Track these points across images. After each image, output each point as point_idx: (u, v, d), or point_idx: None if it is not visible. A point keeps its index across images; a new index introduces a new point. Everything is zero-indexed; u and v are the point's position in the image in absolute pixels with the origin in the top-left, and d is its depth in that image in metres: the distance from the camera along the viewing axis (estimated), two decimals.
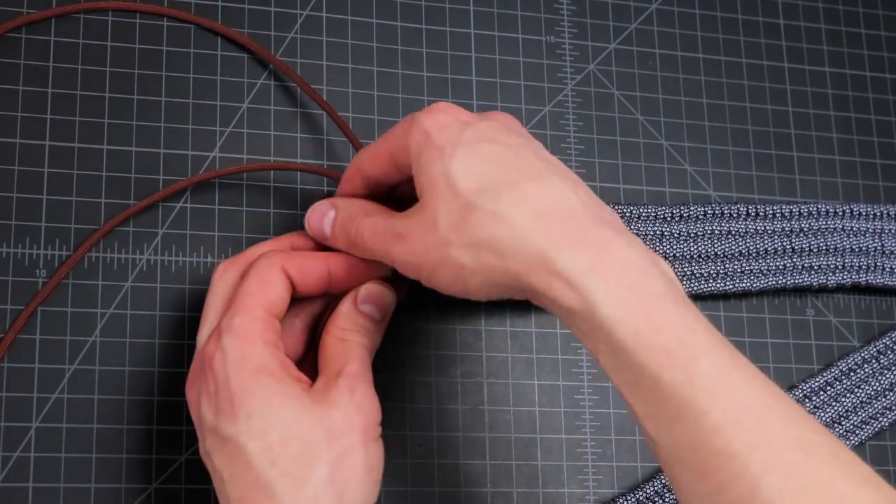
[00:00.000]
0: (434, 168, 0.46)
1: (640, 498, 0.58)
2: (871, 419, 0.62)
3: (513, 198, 0.44)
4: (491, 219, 0.44)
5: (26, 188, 0.54)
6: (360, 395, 0.47)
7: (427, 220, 0.45)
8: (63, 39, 0.56)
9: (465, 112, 0.48)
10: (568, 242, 0.42)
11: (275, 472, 0.45)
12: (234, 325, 0.47)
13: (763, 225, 0.62)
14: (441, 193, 0.45)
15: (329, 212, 0.51)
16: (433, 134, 0.46)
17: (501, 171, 0.45)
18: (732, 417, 0.39)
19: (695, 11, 0.67)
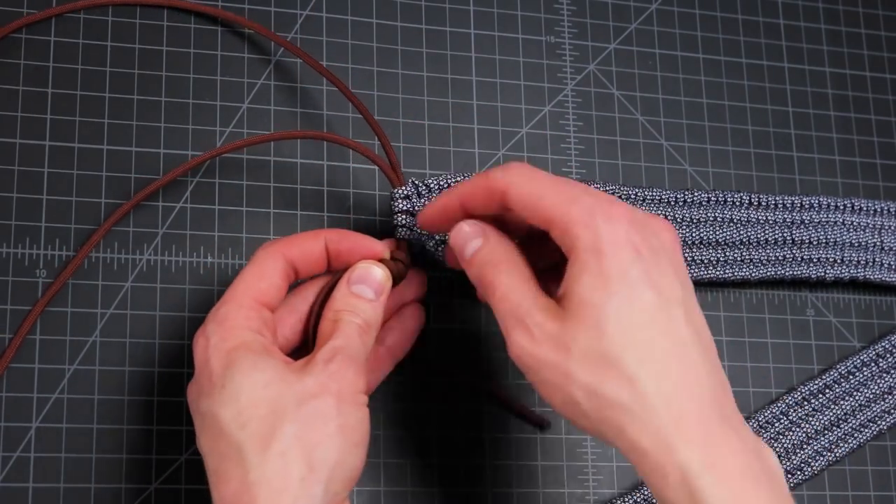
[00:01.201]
0: (591, 296, 0.44)
1: (638, 499, 0.58)
2: (869, 422, 0.62)
3: (655, 370, 0.43)
4: (628, 383, 0.43)
5: (26, 188, 0.54)
6: (336, 364, 0.47)
7: (562, 341, 0.44)
8: (63, 39, 0.56)
9: (638, 229, 0.45)
10: (693, 434, 0.42)
11: (244, 434, 0.45)
12: (218, 314, 0.48)
13: (765, 214, 0.63)
14: (588, 325, 0.44)
15: (476, 239, 0.49)
16: (606, 255, 0.44)
17: (650, 334, 0.44)
18: None
19: (695, 11, 0.67)
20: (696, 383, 0.44)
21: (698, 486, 0.41)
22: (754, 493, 0.42)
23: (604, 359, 0.44)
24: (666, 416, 0.43)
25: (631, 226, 0.45)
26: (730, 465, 0.42)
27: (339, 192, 0.58)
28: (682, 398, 0.43)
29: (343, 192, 0.58)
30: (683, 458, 0.42)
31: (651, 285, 0.45)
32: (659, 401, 0.43)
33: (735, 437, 0.43)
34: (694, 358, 0.44)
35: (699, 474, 0.42)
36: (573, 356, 0.44)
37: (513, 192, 0.47)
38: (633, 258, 0.45)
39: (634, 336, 0.44)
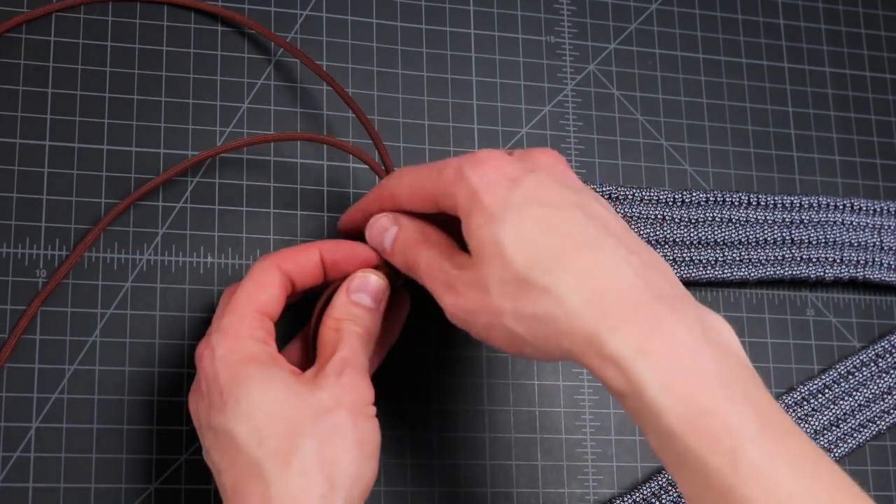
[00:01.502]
0: (483, 232, 0.46)
1: (638, 499, 0.58)
2: (868, 422, 0.62)
3: (564, 272, 0.44)
4: (543, 295, 0.44)
5: (26, 188, 0.54)
6: (347, 377, 0.47)
7: (479, 284, 0.46)
8: (63, 39, 0.56)
9: (510, 162, 0.47)
10: (619, 324, 0.42)
11: (263, 451, 0.45)
12: (222, 325, 0.48)
13: (763, 214, 0.63)
14: (492, 261, 0.45)
15: (391, 227, 0.51)
16: (481, 193, 0.46)
17: (552, 241, 0.45)
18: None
19: (695, 11, 0.67)
20: (615, 274, 0.44)
21: (634, 372, 0.42)
22: (692, 367, 0.42)
23: (516, 282, 0.44)
24: (589, 313, 0.43)
25: (501, 162, 0.47)
26: (664, 346, 0.42)
27: (339, 192, 0.58)
28: (600, 292, 0.43)
29: (343, 192, 0.58)
30: (614, 350, 0.42)
31: (537, 202, 0.46)
32: (578, 301, 0.43)
33: (670, 316, 0.43)
34: (606, 251, 0.44)
35: (633, 361, 0.42)
36: (492, 292, 0.45)
37: (398, 196, 0.50)
38: (510, 187, 0.46)
39: (535, 250, 0.44)
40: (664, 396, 0.41)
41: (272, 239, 0.57)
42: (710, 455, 0.41)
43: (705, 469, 0.41)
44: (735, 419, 0.41)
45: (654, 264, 0.46)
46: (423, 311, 0.58)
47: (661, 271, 0.46)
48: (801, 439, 0.42)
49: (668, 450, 0.42)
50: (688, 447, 0.41)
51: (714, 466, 0.40)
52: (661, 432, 0.42)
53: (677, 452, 0.41)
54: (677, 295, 0.45)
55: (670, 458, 0.42)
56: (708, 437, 0.41)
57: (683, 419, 0.41)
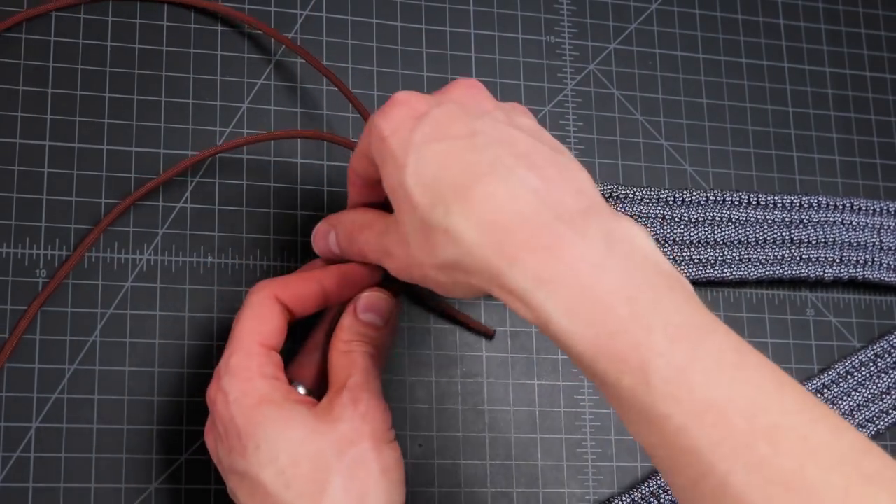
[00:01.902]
0: (392, 180, 0.44)
1: (636, 498, 0.58)
2: (867, 422, 0.62)
3: (461, 209, 0.41)
4: (445, 239, 0.42)
5: (26, 188, 0.54)
6: (364, 404, 0.47)
7: (402, 238, 0.45)
8: (63, 39, 0.56)
9: (422, 99, 0.45)
10: (516, 254, 0.40)
11: (291, 494, 0.45)
12: (231, 366, 0.48)
13: (763, 214, 0.63)
14: (403, 208, 0.44)
15: (330, 232, 0.51)
16: (388, 138, 0.44)
17: (450, 177, 0.42)
18: (694, 416, 0.38)
19: (695, 11, 0.67)
20: (509, 199, 0.41)
21: (536, 304, 0.40)
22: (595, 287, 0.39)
23: (424, 230, 0.43)
24: (487, 247, 0.41)
25: (412, 101, 0.45)
26: (564, 270, 0.40)
27: (339, 192, 0.58)
28: (495, 223, 0.41)
29: (343, 192, 0.58)
30: (514, 283, 0.40)
31: (437, 137, 0.43)
32: (475, 237, 0.41)
33: (571, 236, 0.40)
34: (498, 176, 0.42)
35: (534, 292, 0.40)
36: (411, 246, 0.44)
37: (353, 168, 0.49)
38: (412, 126, 0.44)
39: (433, 191, 0.42)
40: (570, 324, 0.39)
41: (272, 239, 0.57)
42: (622, 376, 0.39)
43: (620, 391, 0.39)
44: (642, 335, 0.39)
45: (560, 178, 0.42)
46: (423, 312, 0.58)
47: (569, 184, 0.42)
48: (723, 338, 0.39)
49: (587, 375, 0.40)
50: (600, 371, 0.39)
51: (627, 387, 0.39)
52: (576, 359, 0.40)
53: (595, 377, 0.40)
54: (581, 209, 0.42)
55: (593, 384, 0.40)
56: (617, 357, 0.39)
57: (592, 344, 0.39)
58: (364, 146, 0.48)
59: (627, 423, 0.40)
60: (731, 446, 0.38)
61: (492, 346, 0.59)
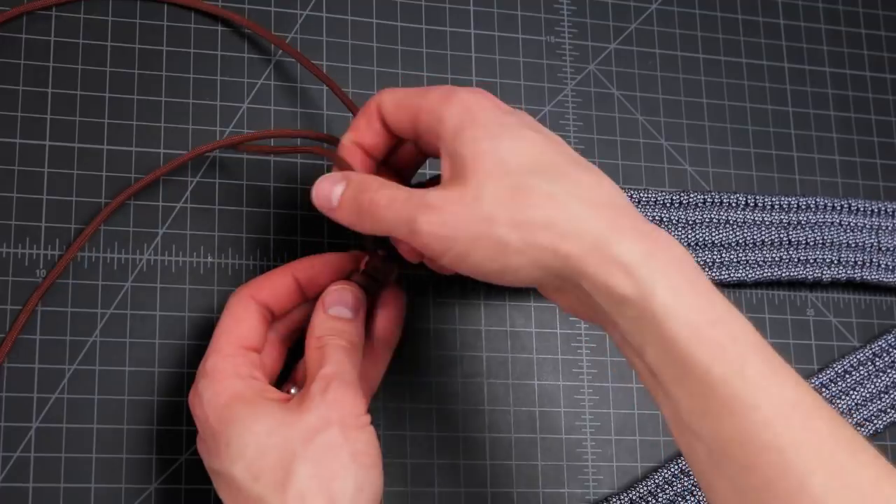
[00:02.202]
0: (480, 145, 0.45)
1: (634, 497, 0.58)
2: (866, 422, 0.62)
3: (568, 184, 0.44)
4: (547, 200, 0.43)
5: (26, 188, 0.54)
6: (332, 391, 0.47)
7: (468, 195, 0.44)
8: (63, 39, 0.56)
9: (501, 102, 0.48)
10: (625, 231, 0.42)
11: (260, 486, 0.45)
12: (206, 368, 0.49)
13: (761, 216, 0.63)
14: (489, 169, 0.44)
15: (340, 183, 0.49)
16: (477, 112, 0.46)
17: (551, 158, 0.45)
18: (782, 413, 0.40)
19: (695, 11, 0.67)
20: (607, 192, 0.44)
21: (643, 275, 0.41)
22: (694, 278, 0.42)
23: (517, 189, 0.44)
24: (593, 220, 0.43)
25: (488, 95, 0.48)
26: (667, 256, 0.42)
27: None
28: (603, 204, 0.44)
29: None
30: (623, 252, 0.42)
31: (529, 127, 0.46)
32: (581, 209, 0.43)
33: (661, 232, 0.43)
34: (600, 175, 0.45)
35: (640, 264, 0.42)
36: (486, 201, 0.44)
37: (384, 106, 0.49)
38: (502, 112, 0.47)
39: (537, 162, 0.44)
40: (671, 300, 0.41)
41: (272, 239, 0.57)
42: (716, 363, 0.40)
43: (710, 377, 0.40)
44: (739, 329, 0.41)
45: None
46: (423, 312, 0.58)
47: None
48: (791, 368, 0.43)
49: (668, 361, 0.41)
50: (691, 355, 0.41)
51: (719, 374, 0.40)
52: (664, 340, 0.41)
53: (679, 362, 0.41)
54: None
55: (670, 369, 0.42)
56: (715, 344, 0.41)
57: (690, 326, 0.41)
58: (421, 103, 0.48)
59: (700, 414, 0.41)
60: (815, 450, 0.39)
61: (492, 346, 0.59)
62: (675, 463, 0.59)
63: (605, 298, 0.43)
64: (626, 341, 0.44)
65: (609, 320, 0.44)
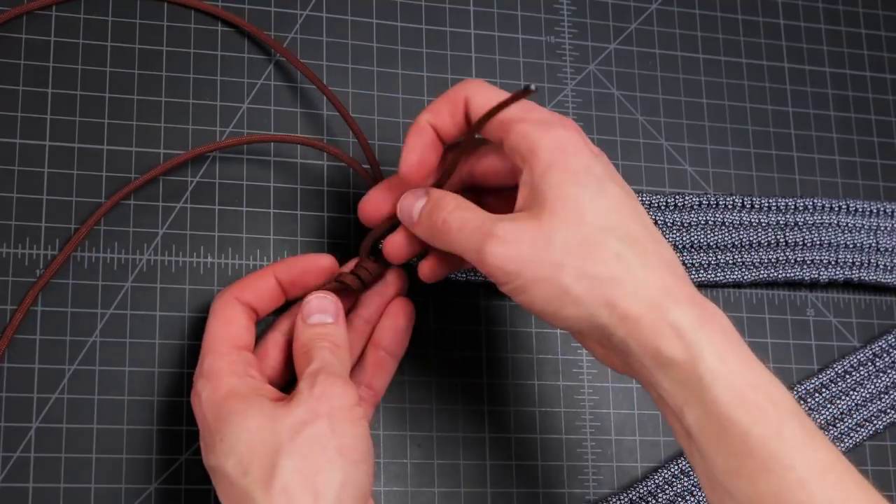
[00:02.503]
0: (566, 190, 0.46)
1: (634, 497, 0.58)
2: (865, 422, 0.62)
3: (636, 247, 0.46)
4: (615, 260, 0.45)
5: (26, 188, 0.54)
6: (320, 386, 0.47)
7: (540, 237, 0.46)
8: (63, 39, 0.56)
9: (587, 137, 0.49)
10: (680, 299, 0.45)
11: (248, 480, 0.45)
12: (204, 368, 0.49)
13: (757, 217, 0.63)
14: (566, 216, 0.46)
15: (422, 198, 0.51)
16: (570, 154, 0.47)
17: (624, 219, 0.47)
18: (816, 474, 0.42)
19: (695, 11, 0.67)
20: (669, 260, 0.47)
21: (694, 341, 0.44)
22: (738, 347, 0.45)
23: (588, 243, 0.46)
24: (654, 284, 0.45)
25: (585, 136, 0.49)
26: (715, 325, 0.45)
27: (338, 192, 0.58)
28: (662, 270, 0.46)
29: (343, 192, 0.58)
30: (676, 318, 0.44)
31: (613, 180, 0.48)
32: (645, 273, 0.45)
33: (709, 302, 0.46)
34: (664, 243, 0.47)
35: (692, 330, 0.44)
36: (556, 246, 0.46)
37: (474, 101, 0.49)
38: (592, 157, 0.48)
39: (611, 220, 0.46)
40: (719, 366, 0.44)
41: (272, 239, 0.57)
42: (756, 425, 0.43)
43: (748, 438, 0.43)
44: (778, 395, 0.44)
45: None
46: (423, 312, 0.58)
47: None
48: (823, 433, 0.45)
49: (709, 422, 0.44)
50: (732, 417, 0.43)
51: (758, 435, 0.43)
52: (706, 402, 0.44)
53: (720, 423, 0.43)
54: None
55: (711, 429, 0.44)
56: (755, 407, 0.43)
57: (732, 390, 0.43)
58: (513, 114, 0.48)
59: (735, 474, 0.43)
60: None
61: (492, 346, 0.59)
62: (674, 463, 0.59)
63: (652, 360, 0.45)
64: (663, 400, 0.46)
65: (649, 379, 0.46)
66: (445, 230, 0.49)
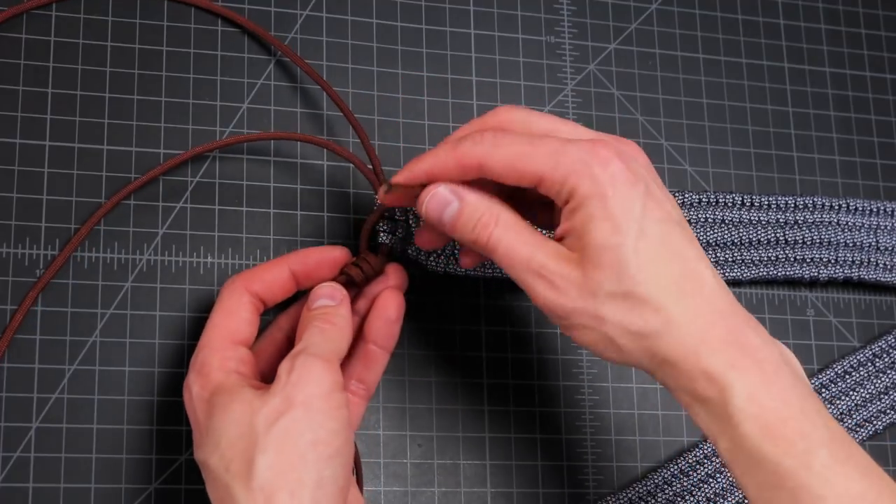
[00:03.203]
0: (606, 240, 0.46)
1: (633, 497, 0.58)
2: (865, 422, 0.62)
3: (675, 294, 0.46)
4: (655, 314, 0.46)
5: (26, 188, 0.54)
6: (297, 371, 0.46)
7: (586, 287, 0.46)
8: (63, 39, 0.56)
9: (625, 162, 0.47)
10: (715, 344, 0.46)
11: (230, 475, 0.45)
12: (196, 363, 0.49)
13: (757, 215, 0.62)
14: (608, 270, 0.46)
15: (453, 202, 0.49)
16: (609, 195, 0.46)
17: (666, 262, 0.47)
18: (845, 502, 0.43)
19: (695, 11, 0.67)
20: (712, 297, 0.47)
21: (725, 383, 0.45)
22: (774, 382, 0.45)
23: (631, 297, 0.46)
24: (692, 333, 0.46)
25: (621, 161, 0.47)
26: (751, 363, 0.45)
27: (339, 192, 0.58)
28: (701, 313, 0.46)
29: (343, 192, 0.58)
30: (709, 363, 0.45)
31: (654, 218, 0.47)
32: (684, 321, 0.46)
33: (756, 339, 0.46)
34: (705, 274, 0.47)
35: (724, 373, 0.45)
36: (600, 300, 0.46)
37: (491, 163, 0.48)
38: (632, 194, 0.47)
39: (652, 269, 0.46)
40: (748, 404, 0.45)
41: (272, 239, 0.57)
42: (785, 457, 0.44)
43: (779, 470, 0.44)
44: (808, 427, 0.44)
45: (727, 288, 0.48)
46: (424, 311, 0.58)
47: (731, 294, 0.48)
48: (865, 454, 0.45)
49: (740, 453, 0.45)
50: (763, 450, 0.44)
51: (788, 467, 0.44)
52: (737, 437, 0.45)
53: (751, 456, 0.44)
54: (749, 317, 0.48)
55: (742, 461, 0.45)
56: (784, 440, 0.44)
57: (764, 426, 0.44)
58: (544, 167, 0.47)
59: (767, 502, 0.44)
60: None
61: (492, 346, 0.59)
62: (674, 463, 0.59)
63: (688, 398, 0.47)
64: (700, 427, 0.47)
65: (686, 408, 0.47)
66: (491, 250, 0.48)
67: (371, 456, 0.56)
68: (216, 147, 0.55)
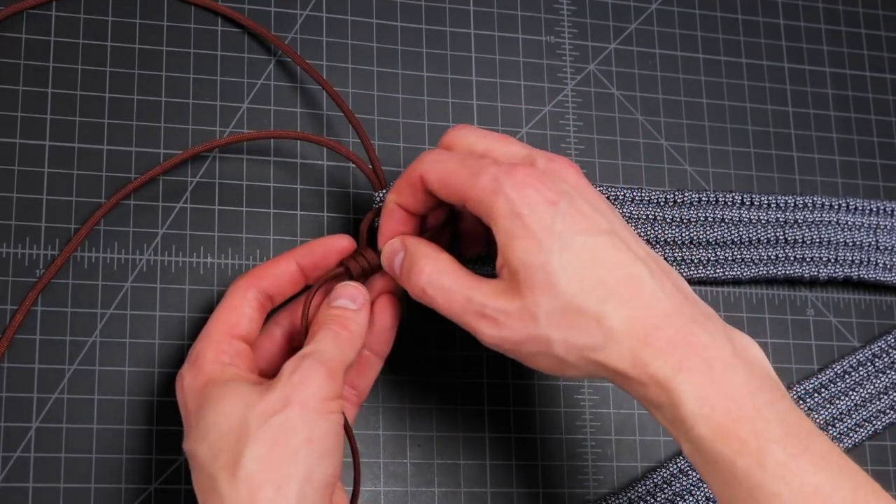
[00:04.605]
0: (531, 259, 0.46)
1: (633, 497, 0.58)
2: (865, 422, 0.62)
3: (612, 301, 0.46)
4: (594, 324, 0.46)
5: (26, 188, 0.54)
6: (300, 373, 0.47)
7: (525, 312, 0.47)
8: (63, 39, 0.56)
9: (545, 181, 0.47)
10: (661, 346, 0.46)
11: (217, 466, 0.45)
12: (192, 354, 0.49)
13: (757, 214, 0.62)
14: (541, 289, 0.46)
15: (399, 252, 0.51)
16: (525, 217, 0.46)
17: (598, 271, 0.46)
18: (801, 498, 0.43)
19: (695, 11, 0.67)
20: (653, 300, 0.46)
21: (673, 388, 0.45)
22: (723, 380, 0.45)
23: (568, 311, 0.46)
24: (634, 339, 0.46)
25: (538, 182, 0.47)
26: (699, 363, 0.45)
27: (339, 192, 0.58)
28: (644, 319, 0.46)
29: (343, 192, 0.58)
30: (656, 369, 0.45)
31: (579, 230, 0.47)
32: (625, 329, 0.46)
33: (704, 337, 0.46)
34: (643, 278, 0.47)
35: (672, 377, 0.45)
36: (542, 322, 0.46)
37: (428, 178, 0.49)
38: (551, 212, 0.47)
39: (584, 281, 0.46)
40: (699, 407, 0.44)
41: (272, 239, 0.57)
42: (738, 456, 0.44)
43: (734, 470, 0.44)
44: (761, 424, 0.44)
45: (679, 285, 0.48)
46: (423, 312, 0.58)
47: (685, 291, 0.48)
48: (825, 442, 0.45)
49: (699, 455, 0.45)
50: (718, 451, 0.44)
51: (742, 467, 0.44)
52: (694, 440, 0.45)
53: (708, 457, 0.44)
54: (706, 315, 0.47)
55: (701, 461, 0.45)
56: (737, 440, 0.44)
57: (715, 427, 0.44)
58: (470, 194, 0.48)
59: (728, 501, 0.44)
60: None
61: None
62: (674, 462, 0.59)
63: (646, 404, 0.47)
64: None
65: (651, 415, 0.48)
66: (430, 301, 0.49)
67: (370, 456, 0.56)
68: (216, 146, 0.55)
